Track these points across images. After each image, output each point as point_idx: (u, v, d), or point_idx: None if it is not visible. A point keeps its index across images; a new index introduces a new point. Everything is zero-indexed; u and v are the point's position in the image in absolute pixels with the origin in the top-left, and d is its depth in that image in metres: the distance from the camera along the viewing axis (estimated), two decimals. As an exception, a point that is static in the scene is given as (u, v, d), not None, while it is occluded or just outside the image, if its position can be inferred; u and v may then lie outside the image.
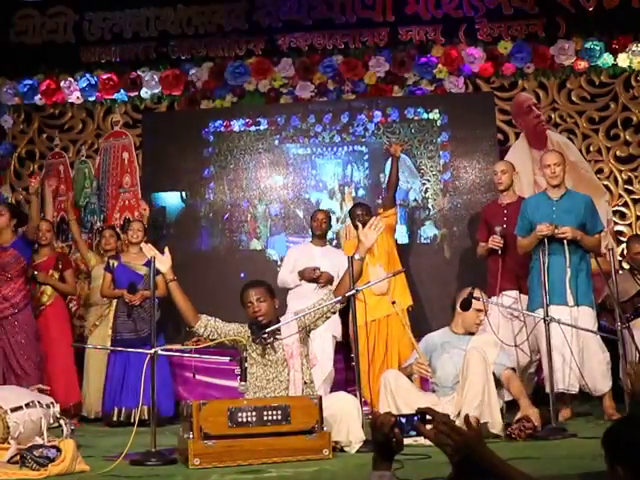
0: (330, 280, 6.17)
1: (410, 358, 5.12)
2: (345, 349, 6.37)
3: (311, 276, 6.17)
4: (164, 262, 4.48)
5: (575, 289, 5.32)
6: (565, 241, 5.30)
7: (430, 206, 7.29)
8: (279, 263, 7.03)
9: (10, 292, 6.02)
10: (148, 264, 6.30)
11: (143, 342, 5.92)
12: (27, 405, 4.17)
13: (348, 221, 7.30)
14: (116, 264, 6.46)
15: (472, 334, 4.97)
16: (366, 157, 7.45)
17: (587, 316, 5.30)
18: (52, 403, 4.43)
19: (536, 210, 5.50)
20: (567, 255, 5.30)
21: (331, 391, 5.68)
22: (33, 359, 5.97)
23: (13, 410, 4.07)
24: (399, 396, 4.62)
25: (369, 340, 6.05)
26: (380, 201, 7.00)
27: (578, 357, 5.15)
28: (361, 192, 7.40)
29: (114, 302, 6.48)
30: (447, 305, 6.97)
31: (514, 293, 5.79)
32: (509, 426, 4.57)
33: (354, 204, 6.67)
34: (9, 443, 3.97)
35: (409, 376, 4.86)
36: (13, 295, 6.02)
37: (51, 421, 4.32)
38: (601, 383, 5.27)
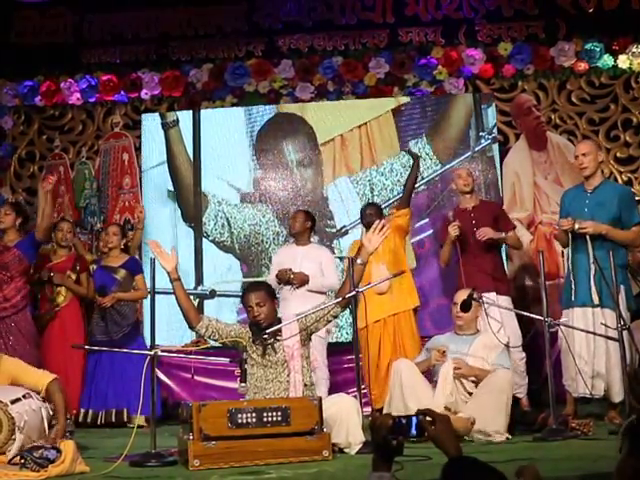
0: (304, 280, 6.00)
1: (418, 357, 5.14)
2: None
3: (284, 278, 5.99)
4: (169, 261, 4.48)
5: (600, 287, 5.08)
6: (588, 236, 5.10)
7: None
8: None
9: (11, 292, 5.95)
10: (125, 266, 6.36)
11: (116, 345, 5.95)
12: (24, 396, 4.19)
13: (352, 219, 7.32)
14: (95, 267, 6.53)
15: (472, 334, 5.02)
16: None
17: (609, 321, 5.01)
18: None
19: (572, 203, 5.35)
20: (590, 251, 5.10)
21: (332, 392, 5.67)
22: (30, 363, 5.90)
23: (13, 402, 4.08)
24: (407, 387, 4.63)
25: (372, 342, 5.89)
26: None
27: (598, 361, 5.06)
28: (365, 192, 7.40)
29: None
30: (445, 307, 7.01)
31: (492, 295, 5.67)
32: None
33: (365, 204, 6.57)
34: (14, 438, 3.98)
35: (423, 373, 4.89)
36: (14, 295, 5.95)
37: (51, 412, 4.31)
38: (619, 389, 5.05)
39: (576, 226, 5.10)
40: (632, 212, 5.27)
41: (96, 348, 6.13)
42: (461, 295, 5.05)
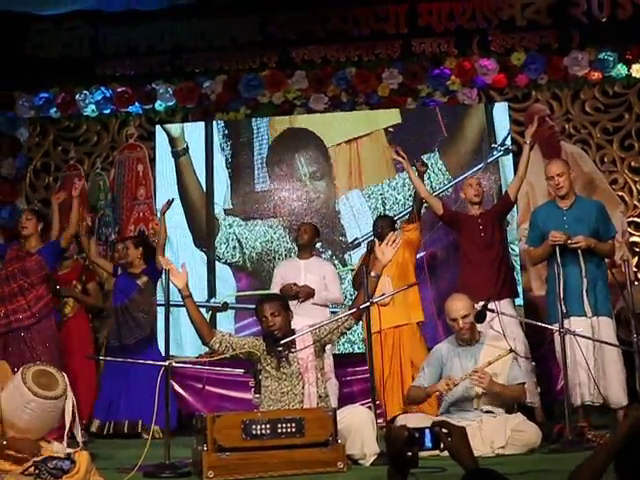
0: (310, 294, 6.01)
1: (419, 375, 4.98)
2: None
3: (289, 293, 5.96)
4: (180, 278, 4.46)
5: (593, 299, 5.25)
6: (579, 250, 5.22)
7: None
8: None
9: (32, 300, 5.85)
10: (145, 272, 6.37)
11: (129, 351, 5.96)
12: None
13: (363, 232, 7.31)
14: (120, 272, 6.55)
15: (472, 342, 4.86)
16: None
17: (606, 326, 5.23)
18: None
19: (547, 220, 5.42)
20: (582, 265, 5.22)
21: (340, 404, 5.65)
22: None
23: None
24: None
25: (382, 351, 5.85)
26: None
27: (597, 369, 5.08)
28: (377, 205, 7.40)
29: None
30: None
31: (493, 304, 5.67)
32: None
33: (377, 216, 6.57)
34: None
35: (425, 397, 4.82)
36: (35, 303, 5.85)
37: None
38: (620, 395, 5.14)
39: (569, 241, 5.17)
40: (608, 225, 5.47)
41: (110, 359, 6.15)
42: (459, 306, 4.81)
